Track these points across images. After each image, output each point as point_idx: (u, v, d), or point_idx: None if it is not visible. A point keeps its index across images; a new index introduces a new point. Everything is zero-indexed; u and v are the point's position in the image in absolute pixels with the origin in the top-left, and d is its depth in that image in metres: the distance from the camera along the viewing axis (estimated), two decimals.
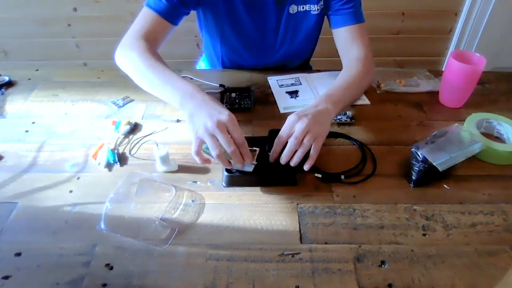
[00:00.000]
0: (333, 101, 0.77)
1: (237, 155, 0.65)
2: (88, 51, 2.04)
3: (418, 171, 0.71)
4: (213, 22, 1.00)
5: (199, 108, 0.68)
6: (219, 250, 0.62)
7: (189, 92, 0.72)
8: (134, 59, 0.81)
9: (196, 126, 0.66)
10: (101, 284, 0.57)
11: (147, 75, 0.78)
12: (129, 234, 0.64)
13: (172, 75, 0.76)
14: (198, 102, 0.69)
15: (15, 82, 1.02)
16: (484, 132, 0.83)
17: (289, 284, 0.57)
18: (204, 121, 0.65)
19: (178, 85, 0.74)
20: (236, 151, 0.65)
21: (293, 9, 0.96)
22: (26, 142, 0.83)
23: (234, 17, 0.96)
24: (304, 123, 0.69)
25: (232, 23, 0.97)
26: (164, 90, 0.75)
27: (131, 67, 0.82)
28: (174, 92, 0.73)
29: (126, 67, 0.84)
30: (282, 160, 0.69)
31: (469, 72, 0.87)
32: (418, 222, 0.66)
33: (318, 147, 0.69)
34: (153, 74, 0.77)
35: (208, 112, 0.66)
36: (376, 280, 0.58)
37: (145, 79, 0.79)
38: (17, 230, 0.65)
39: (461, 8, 1.92)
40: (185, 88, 0.72)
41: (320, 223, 0.66)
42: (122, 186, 0.72)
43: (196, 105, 0.69)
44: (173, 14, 0.88)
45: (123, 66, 0.85)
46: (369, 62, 0.91)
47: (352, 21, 0.93)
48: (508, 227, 0.66)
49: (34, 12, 1.89)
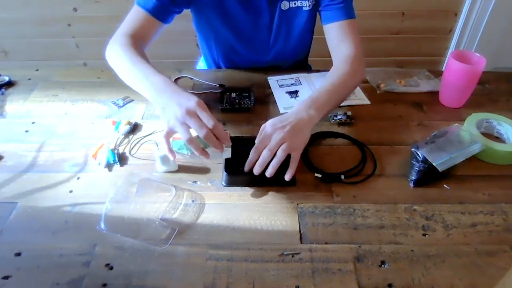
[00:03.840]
0: (318, 105, 0.76)
1: (211, 138, 0.66)
2: (88, 51, 2.04)
3: (418, 171, 0.71)
4: (206, 21, 1.00)
5: (169, 99, 0.69)
6: (219, 250, 0.62)
7: (160, 86, 0.72)
8: (118, 54, 0.82)
9: (168, 117, 0.68)
10: (101, 284, 0.57)
11: (127, 69, 0.79)
12: (129, 234, 0.64)
13: (148, 69, 0.76)
14: (168, 94, 0.70)
15: (15, 82, 1.02)
16: (484, 132, 0.83)
17: (289, 284, 0.57)
18: (174, 111, 0.67)
19: (151, 79, 0.74)
20: (209, 133, 0.66)
21: (285, 5, 0.96)
22: (26, 142, 0.83)
23: (227, 15, 0.96)
24: (280, 135, 0.69)
25: (225, 21, 0.98)
26: (140, 84, 0.76)
27: (116, 62, 0.83)
28: (148, 86, 0.73)
29: (112, 62, 0.85)
30: (255, 171, 0.69)
31: (469, 72, 0.87)
32: (418, 222, 0.66)
33: (297, 158, 0.70)
34: (132, 68, 0.78)
35: (177, 102, 0.68)
36: (376, 280, 0.58)
37: (126, 73, 0.80)
38: (17, 230, 0.65)
39: (461, 8, 1.92)
40: (157, 82, 0.73)
41: (320, 223, 0.66)
42: (122, 186, 0.72)
43: (166, 98, 0.70)
44: (162, 12, 0.89)
45: (110, 61, 0.85)
46: (358, 61, 0.88)
47: (343, 17, 0.91)
48: (508, 227, 0.66)
49: (34, 12, 1.89)
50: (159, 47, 2.04)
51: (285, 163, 0.74)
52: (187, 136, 0.66)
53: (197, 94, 0.97)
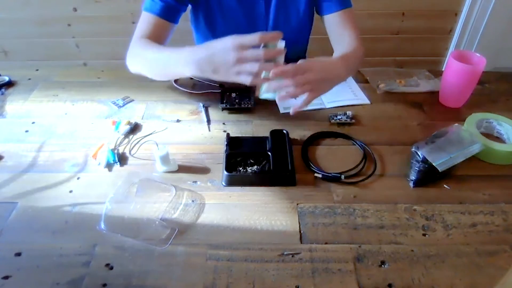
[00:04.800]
0: (347, 64, 0.81)
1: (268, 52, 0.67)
2: (88, 51, 2.04)
3: (418, 171, 0.71)
4: (204, 16, 1.00)
5: (211, 57, 0.69)
6: (219, 250, 0.62)
7: (191, 55, 0.72)
8: (140, 54, 0.84)
9: (227, 71, 0.68)
10: (101, 284, 0.57)
11: (153, 62, 0.82)
12: (129, 234, 0.64)
13: (174, 51, 0.78)
14: (205, 54, 0.70)
15: (15, 82, 1.02)
16: (484, 132, 0.83)
17: (289, 284, 0.57)
18: (224, 62, 0.67)
19: (180, 57, 0.75)
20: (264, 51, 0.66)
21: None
22: (26, 142, 0.83)
23: (222, 6, 0.97)
24: (309, 78, 0.71)
25: (222, 13, 0.98)
26: (174, 68, 0.78)
27: (141, 62, 0.85)
28: (182, 63, 0.74)
29: (136, 65, 0.87)
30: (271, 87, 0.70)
31: (469, 72, 0.87)
32: (418, 222, 0.66)
33: (310, 100, 0.73)
34: (159, 57, 0.80)
35: (219, 54, 0.68)
36: (376, 280, 0.58)
37: (154, 66, 0.82)
38: (17, 230, 0.65)
39: (461, 8, 1.92)
40: (186, 55, 0.74)
41: (320, 223, 0.66)
42: (122, 186, 0.72)
43: (208, 59, 0.70)
44: (170, 13, 0.90)
45: (134, 67, 0.88)
46: (361, 45, 0.94)
47: (343, 6, 0.96)
48: (508, 227, 0.66)
49: (34, 12, 1.89)
50: None
51: (285, 162, 0.74)
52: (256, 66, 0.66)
53: (197, 94, 0.97)
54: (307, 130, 0.85)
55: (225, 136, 0.81)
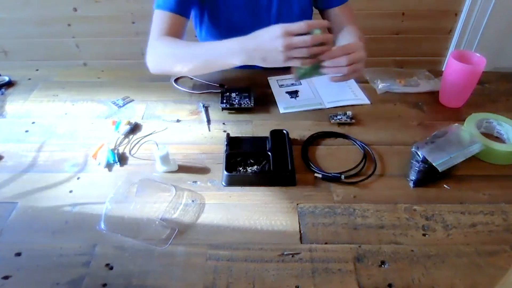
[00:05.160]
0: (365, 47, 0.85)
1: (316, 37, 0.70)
2: (88, 51, 2.04)
3: (418, 171, 0.71)
4: (208, 9, 1.00)
5: (259, 45, 0.73)
6: (219, 250, 0.62)
7: (239, 45, 0.76)
8: (170, 52, 0.84)
9: (276, 57, 0.72)
10: (101, 284, 0.57)
11: (189, 57, 0.82)
12: (129, 234, 0.64)
13: (211, 44, 0.80)
14: (252, 43, 0.74)
15: (15, 82, 1.02)
16: (484, 132, 0.83)
17: (289, 284, 0.57)
18: (274, 48, 0.70)
19: (228, 48, 0.77)
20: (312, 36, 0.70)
21: None
22: (26, 142, 0.83)
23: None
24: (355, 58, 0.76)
25: (225, 5, 0.98)
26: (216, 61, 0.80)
27: (171, 60, 0.85)
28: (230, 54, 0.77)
29: (164, 65, 0.87)
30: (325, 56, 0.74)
31: (469, 72, 0.87)
32: (418, 222, 0.66)
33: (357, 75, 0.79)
34: (196, 55, 0.82)
35: (268, 40, 0.71)
36: (376, 280, 0.58)
37: (193, 61, 0.83)
38: (17, 230, 0.65)
39: (461, 8, 1.92)
40: (233, 46, 0.76)
41: (320, 223, 0.66)
42: (122, 186, 0.72)
43: (255, 47, 0.73)
44: (183, 7, 0.90)
45: (161, 66, 0.88)
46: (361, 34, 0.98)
47: (343, 1, 1.02)
48: (508, 227, 0.66)
49: (34, 12, 1.90)
50: None
51: (285, 162, 0.74)
52: (305, 50, 0.70)
53: (197, 94, 0.97)
54: (307, 130, 0.85)
55: (225, 136, 0.81)
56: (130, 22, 1.91)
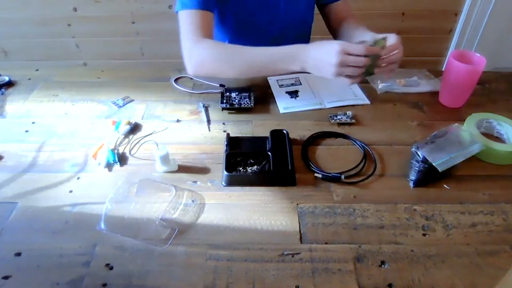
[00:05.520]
0: None
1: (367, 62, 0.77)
2: (88, 51, 2.04)
3: (418, 171, 0.71)
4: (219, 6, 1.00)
5: (317, 55, 0.78)
6: (219, 250, 0.62)
7: (301, 52, 0.80)
8: (216, 56, 0.85)
9: (328, 70, 0.77)
10: (101, 284, 0.57)
11: (242, 61, 0.84)
12: (129, 234, 0.64)
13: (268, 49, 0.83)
14: (313, 52, 0.79)
15: (15, 82, 1.02)
16: (484, 132, 0.83)
17: (289, 284, 0.57)
18: (328, 61, 0.76)
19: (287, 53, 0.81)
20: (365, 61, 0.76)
21: None
22: (26, 142, 0.83)
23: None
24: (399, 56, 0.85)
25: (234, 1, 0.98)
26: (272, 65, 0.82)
27: (217, 64, 0.86)
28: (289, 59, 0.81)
29: (208, 68, 0.87)
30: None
31: (469, 72, 0.87)
32: (418, 222, 0.66)
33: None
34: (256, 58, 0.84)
35: (325, 53, 0.77)
36: (376, 280, 0.58)
37: (242, 65, 0.85)
38: (17, 230, 0.65)
39: (461, 8, 1.92)
40: (295, 51, 0.80)
41: (320, 223, 0.66)
42: (122, 186, 0.72)
43: (314, 56, 0.79)
44: (209, 2, 0.90)
45: (204, 69, 0.88)
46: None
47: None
48: (508, 227, 0.66)
49: (34, 12, 1.90)
50: (159, 47, 2.05)
51: (285, 162, 0.74)
52: (357, 70, 0.77)
53: (197, 94, 0.97)
54: (307, 130, 0.85)
55: (225, 136, 0.81)
56: (130, 22, 1.91)
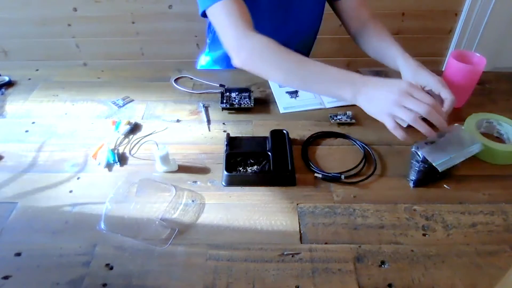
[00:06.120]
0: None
1: (433, 115, 0.66)
2: (88, 51, 2.04)
3: (418, 171, 0.71)
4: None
5: (377, 89, 0.69)
6: (219, 250, 0.62)
7: (358, 80, 0.71)
8: (269, 56, 0.78)
9: (379, 106, 0.68)
10: (101, 284, 0.57)
11: (299, 74, 0.77)
12: (129, 234, 0.64)
13: (325, 67, 0.75)
14: (373, 84, 0.70)
15: (15, 82, 1.02)
16: (484, 132, 0.83)
17: (289, 284, 0.57)
18: (386, 98, 0.67)
19: (342, 77, 0.73)
20: (430, 109, 0.65)
21: None
22: (26, 142, 0.83)
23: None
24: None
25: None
26: (324, 84, 0.75)
27: (274, 68, 0.79)
28: (342, 84, 0.72)
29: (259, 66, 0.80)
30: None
31: (469, 72, 0.87)
32: (418, 222, 0.66)
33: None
34: (306, 70, 0.76)
35: (387, 89, 0.68)
36: (376, 280, 0.58)
37: (297, 78, 0.78)
38: (17, 230, 0.65)
39: (461, 8, 1.92)
40: (353, 78, 0.72)
41: (320, 223, 0.66)
42: (122, 186, 0.72)
43: (372, 89, 0.69)
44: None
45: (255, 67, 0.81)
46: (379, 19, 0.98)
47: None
48: (508, 227, 0.66)
49: (34, 12, 1.89)
50: (159, 47, 2.05)
51: (285, 161, 0.74)
52: (412, 116, 0.65)
53: (197, 94, 0.97)
54: (307, 130, 0.85)
55: (225, 136, 0.81)
56: (130, 22, 1.91)
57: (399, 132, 0.68)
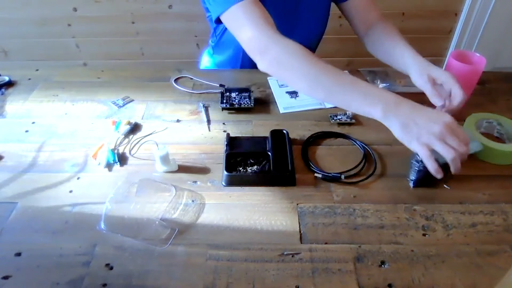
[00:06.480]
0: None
1: (456, 163, 0.62)
2: (88, 51, 2.04)
3: (418, 171, 0.71)
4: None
5: (415, 113, 0.64)
6: (219, 250, 0.62)
7: (392, 100, 0.66)
8: (297, 64, 0.73)
9: (420, 133, 0.63)
10: (101, 284, 0.57)
11: (326, 86, 0.71)
12: (129, 234, 0.64)
13: (355, 80, 0.70)
14: (409, 107, 0.65)
15: (15, 82, 1.02)
16: (484, 132, 0.83)
17: (289, 284, 0.57)
18: (427, 126, 0.62)
19: (373, 93, 0.68)
20: (456, 157, 0.62)
21: None
22: (26, 142, 0.83)
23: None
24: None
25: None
26: (351, 97, 0.69)
27: (300, 76, 0.73)
28: (373, 100, 0.67)
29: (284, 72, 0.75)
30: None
31: (469, 72, 0.87)
32: (418, 222, 0.66)
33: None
34: (333, 80, 0.71)
35: (428, 117, 0.63)
36: (376, 280, 0.58)
37: (322, 89, 0.72)
38: (17, 230, 0.65)
39: (461, 8, 1.92)
40: (385, 95, 0.67)
41: (320, 223, 0.66)
42: (122, 186, 0.72)
43: (408, 112, 0.64)
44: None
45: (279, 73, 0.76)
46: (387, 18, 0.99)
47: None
48: (508, 227, 0.66)
49: (34, 12, 1.89)
50: (159, 47, 2.05)
51: (285, 162, 0.74)
52: (452, 154, 0.61)
53: (197, 94, 0.97)
54: (307, 130, 0.85)
55: (225, 136, 0.81)
56: (130, 22, 1.91)
57: (433, 163, 0.63)
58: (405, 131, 0.64)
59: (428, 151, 0.63)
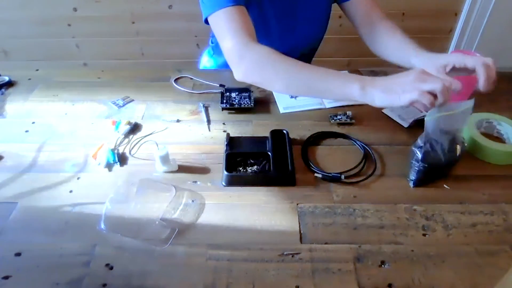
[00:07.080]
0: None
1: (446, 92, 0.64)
2: (88, 51, 2.04)
3: (418, 171, 0.71)
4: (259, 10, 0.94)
5: (389, 79, 0.67)
6: (219, 250, 0.62)
7: (367, 77, 0.69)
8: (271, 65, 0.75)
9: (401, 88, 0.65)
10: (101, 284, 0.57)
11: (302, 79, 0.74)
12: (129, 234, 0.64)
13: (328, 70, 0.73)
14: (383, 78, 0.68)
15: (15, 82, 1.02)
16: (484, 132, 0.83)
17: (289, 284, 0.57)
18: (405, 80, 0.65)
19: (349, 76, 0.72)
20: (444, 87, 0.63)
21: None
22: (26, 142, 0.83)
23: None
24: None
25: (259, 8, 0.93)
26: (328, 84, 0.72)
27: (276, 77, 0.75)
28: (349, 81, 0.69)
29: (261, 77, 0.77)
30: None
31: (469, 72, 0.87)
32: (418, 222, 0.66)
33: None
34: (309, 74, 0.73)
35: (401, 75, 0.66)
36: (376, 280, 0.58)
37: (300, 83, 0.74)
38: (17, 230, 0.65)
39: (461, 8, 1.92)
40: (360, 76, 0.70)
41: (320, 223, 0.66)
42: (122, 186, 0.72)
43: (383, 80, 0.67)
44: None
45: (254, 77, 0.78)
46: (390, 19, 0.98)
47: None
48: (508, 227, 0.66)
49: (34, 12, 1.89)
50: (159, 47, 2.05)
51: (285, 162, 0.74)
52: (440, 84, 0.63)
53: (197, 94, 0.97)
54: (307, 130, 0.85)
55: (225, 136, 0.81)
56: (130, 22, 1.91)
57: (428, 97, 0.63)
58: (388, 93, 0.66)
59: (419, 92, 0.63)
